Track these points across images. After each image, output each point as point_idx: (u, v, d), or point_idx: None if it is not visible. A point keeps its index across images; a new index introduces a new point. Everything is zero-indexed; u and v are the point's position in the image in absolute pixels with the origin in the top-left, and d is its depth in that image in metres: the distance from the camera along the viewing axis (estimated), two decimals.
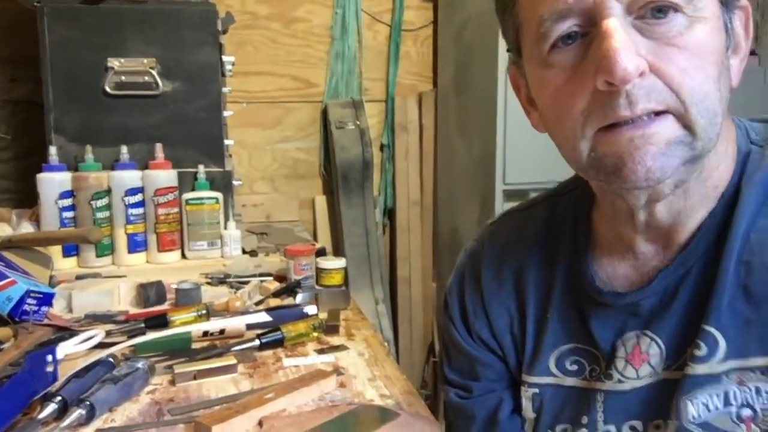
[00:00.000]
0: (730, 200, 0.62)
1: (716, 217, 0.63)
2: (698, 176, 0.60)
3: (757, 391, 0.60)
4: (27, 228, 1.45)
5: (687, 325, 0.63)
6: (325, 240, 2.33)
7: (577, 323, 0.70)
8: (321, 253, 1.40)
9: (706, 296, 0.62)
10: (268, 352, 0.98)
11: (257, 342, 0.97)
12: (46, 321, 1.08)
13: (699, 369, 0.62)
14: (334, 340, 1.05)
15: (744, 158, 0.64)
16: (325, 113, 2.31)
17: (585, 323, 0.69)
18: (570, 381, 0.70)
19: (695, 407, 0.62)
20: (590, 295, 0.68)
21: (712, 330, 0.61)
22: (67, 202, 1.45)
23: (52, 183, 1.45)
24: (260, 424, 0.74)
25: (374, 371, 0.93)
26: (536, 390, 0.72)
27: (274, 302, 1.21)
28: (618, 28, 0.52)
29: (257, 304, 1.22)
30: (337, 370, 0.91)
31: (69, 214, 1.45)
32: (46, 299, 1.09)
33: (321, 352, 1.00)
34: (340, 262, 1.29)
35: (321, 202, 2.37)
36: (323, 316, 1.11)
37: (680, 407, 0.62)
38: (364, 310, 1.30)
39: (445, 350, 0.83)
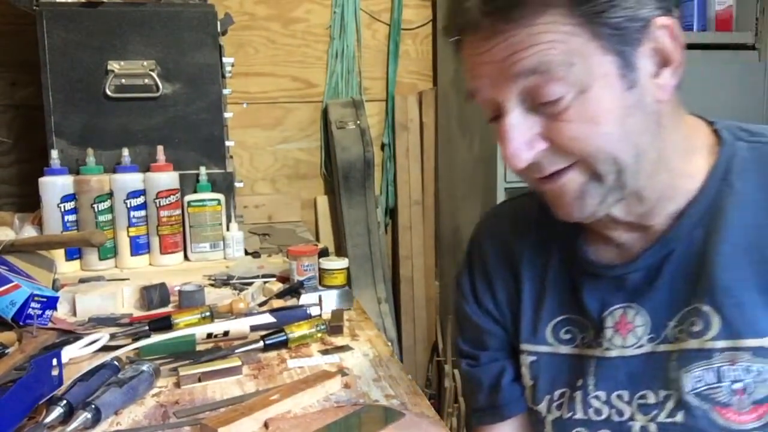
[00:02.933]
0: (717, 191, 0.68)
1: (701, 205, 0.68)
2: (645, 183, 0.66)
3: (747, 370, 0.65)
4: (30, 232, 1.45)
5: (673, 301, 0.69)
6: (327, 240, 2.33)
7: (570, 294, 0.77)
8: (323, 253, 1.40)
9: (695, 276, 0.68)
10: (273, 354, 0.98)
11: (261, 343, 0.97)
12: (50, 325, 1.08)
13: (692, 344, 0.67)
14: (338, 341, 1.05)
15: (730, 152, 0.69)
16: (325, 113, 2.31)
17: (577, 294, 0.76)
18: (564, 349, 0.77)
19: (690, 379, 0.67)
20: (582, 267, 0.75)
21: (706, 308, 0.67)
22: (70, 205, 1.45)
23: (54, 187, 1.45)
24: (266, 425, 0.74)
25: (379, 371, 0.93)
26: (534, 358, 0.79)
27: (278, 303, 1.20)
28: (513, 127, 0.63)
29: (261, 305, 1.22)
30: (342, 371, 0.91)
31: (71, 218, 1.46)
32: (50, 303, 1.09)
33: (325, 352, 1.00)
34: (342, 263, 1.29)
35: (322, 202, 2.37)
36: (327, 316, 1.11)
37: (679, 378, 0.67)
38: (367, 310, 1.30)
39: (458, 324, 0.90)
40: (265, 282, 1.33)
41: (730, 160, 0.69)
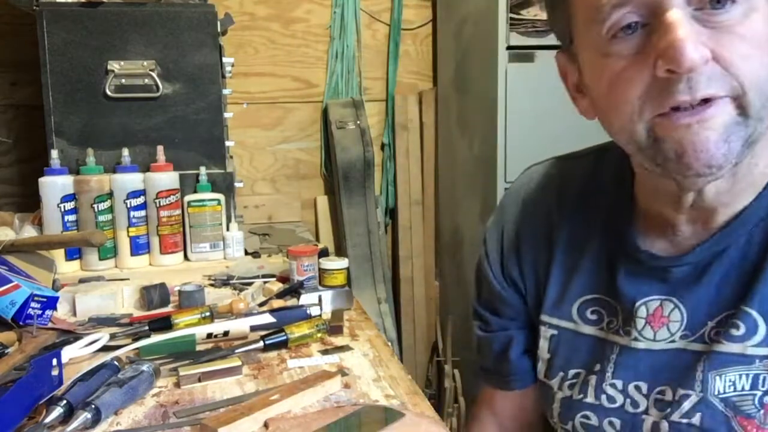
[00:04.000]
0: None
1: (762, 203, 0.64)
2: (749, 161, 0.62)
3: None
4: (30, 232, 1.45)
5: (718, 302, 0.66)
6: (327, 240, 2.33)
7: (606, 275, 0.73)
8: (323, 253, 1.40)
9: (747, 278, 0.64)
10: (273, 354, 0.98)
11: (261, 343, 0.97)
12: (50, 325, 1.08)
13: (733, 347, 0.64)
14: (338, 341, 1.05)
15: None
16: (325, 113, 2.31)
17: (613, 276, 0.72)
18: (587, 329, 0.74)
19: (722, 382, 0.64)
20: (626, 250, 0.71)
21: (754, 313, 0.63)
22: (70, 205, 1.45)
23: (54, 187, 1.45)
24: (266, 425, 0.74)
25: (379, 371, 0.93)
26: (555, 332, 0.76)
27: (278, 303, 1.20)
28: (682, 20, 0.54)
29: (261, 305, 1.22)
30: (342, 371, 0.91)
31: (71, 218, 1.46)
32: (50, 303, 1.09)
33: (325, 352, 1.00)
34: (342, 263, 1.29)
35: (322, 202, 2.37)
36: (327, 316, 1.11)
37: (707, 380, 0.64)
38: (367, 310, 1.30)
39: (477, 283, 0.88)
40: (265, 282, 1.33)
41: None
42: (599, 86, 0.62)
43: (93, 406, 0.74)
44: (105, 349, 0.98)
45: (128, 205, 1.47)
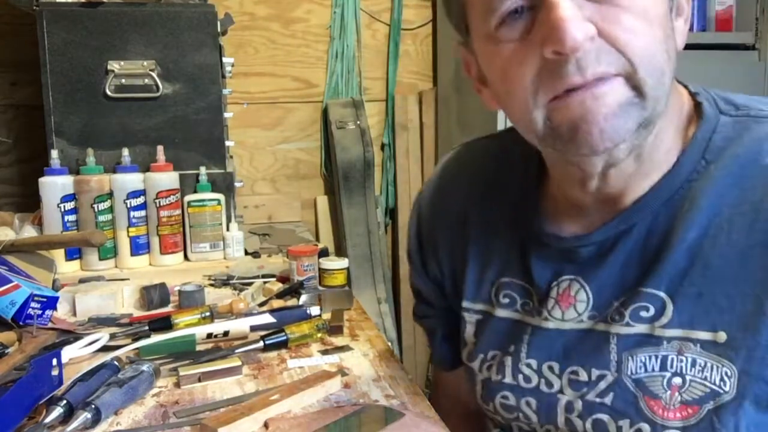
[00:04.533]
0: (690, 169, 0.63)
1: (670, 184, 0.64)
2: (651, 141, 0.61)
3: (693, 362, 0.62)
4: (30, 232, 1.45)
5: (623, 282, 0.66)
6: (327, 240, 2.33)
7: (518, 258, 0.73)
8: (323, 253, 1.40)
9: (654, 259, 0.64)
10: (273, 354, 0.98)
11: (261, 343, 0.97)
12: (50, 325, 1.08)
13: (642, 328, 0.64)
14: (338, 341, 1.05)
15: (710, 128, 0.64)
16: (325, 113, 2.31)
17: (525, 259, 0.73)
18: (502, 312, 0.75)
19: (634, 363, 0.64)
20: (534, 232, 0.72)
21: (661, 294, 0.63)
22: (70, 205, 1.45)
23: (54, 187, 1.45)
24: (266, 425, 0.74)
25: (379, 371, 0.93)
26: (479, 316, 0.78)
27: (278, 303, 1.20)
28: None
29: (261, 305, 1.22)
30: (342, 371, 0.91)
31: (71, 218, 1.46)
32: (50, 303, 1.09)
33: (325, 352, 1.00)
34: (342, 263, 1.29)
35: (323, 202, 2.37)
36: (327, 316, 1.11)
37: (621, 360, 0.65)
38: (367, 310, 1.30)
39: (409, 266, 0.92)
40: (265, 282, 1.33)
41: (710, 138, 0.64)
42: (494, 74, 0.62)
43: (93, 406, 0.74)
44: (105, 349, 0.98)
45: (128, 205, 1.47)
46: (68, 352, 0.94)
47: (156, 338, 0.98)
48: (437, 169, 0.87)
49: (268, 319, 1.06)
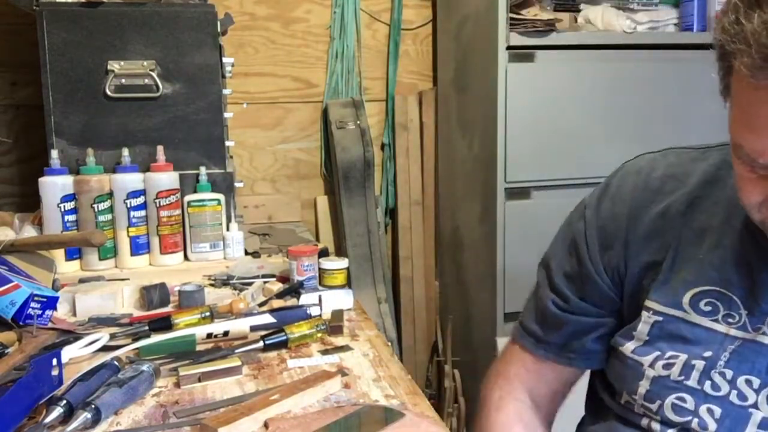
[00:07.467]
0: None
1: None
2: None
3: None
4: (30, 232, 1.45)
5: None
6: (327, 240, 2.33)
7: (734, 271, 0.72)
8: (323, 253, 1.40)
9: None
10: (273, 354, 0.98)
11: (261, 343, 0.97)
12: (50, 325, 1.08)
13: None
14: (338, 341, 1.05)
15: None
16: (325, 113, 2.31)
17: (750, 274, 0.71)
18: (697, 319, 0.73)
19: None
20: (762, 246, 0.70)
21: None
22: (70, 205, 1.45)
23: (54, 187, 1.45)
24: (266, 425, 0.75)
25: (379, 371, 0.93)
26: (660, 318, 0.75)
27: (278, 303, 1.20)
28: None
29: (261, 305, 1.22)
30: (342, 371, 0.91)
31: (71, 218, 1.45)
32: (50, 303, 1.09)
33: (325, 353, 1.00)
34: (342, 263, 1.29)
35: (322, 202, 2.37)
36: (327, 316, 1.11)
37: None
38: (367, 310, 1.30)
39: (565, 251, 0.84)
40: (265, 282, 1.33)
41: None
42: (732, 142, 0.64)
43: (93, 406, 0.74)
44: (105, 349, 0.98)
45: (128, 205, 1.46)
46: (68, 352, 0.94)
47: (156, 338, 0.98)
48: (640, 163, 0.83)
49: (268, 319, 1.06)
